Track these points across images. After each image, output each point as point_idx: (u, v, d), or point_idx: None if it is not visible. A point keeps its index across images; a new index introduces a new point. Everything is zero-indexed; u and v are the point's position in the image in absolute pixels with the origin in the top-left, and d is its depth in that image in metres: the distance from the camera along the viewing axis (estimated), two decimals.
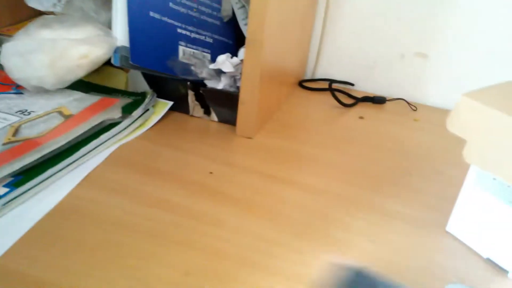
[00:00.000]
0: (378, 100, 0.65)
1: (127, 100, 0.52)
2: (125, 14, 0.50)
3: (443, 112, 0.66)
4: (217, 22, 0.61)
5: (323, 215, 0.41)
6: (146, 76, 0.56)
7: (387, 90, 0.71)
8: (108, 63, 0.52)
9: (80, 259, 0.34)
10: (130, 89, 0.58)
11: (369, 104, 0.66)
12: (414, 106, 0.66)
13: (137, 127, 0.51)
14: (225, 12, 0.60)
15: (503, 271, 0.37)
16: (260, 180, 0.45)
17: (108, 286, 0.32)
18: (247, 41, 0.48)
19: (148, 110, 0.53)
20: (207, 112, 0.56)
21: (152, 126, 0.53)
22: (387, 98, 0.67)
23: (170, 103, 0.56)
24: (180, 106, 0.57)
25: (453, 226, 0.40)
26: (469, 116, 0.32)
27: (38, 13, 0.72)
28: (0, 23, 0.69)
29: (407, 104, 0.66)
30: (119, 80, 0.59)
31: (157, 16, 0.52)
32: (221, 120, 0.56)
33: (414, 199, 0.45)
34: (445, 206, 0.44)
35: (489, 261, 0.38)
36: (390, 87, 0.71)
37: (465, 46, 0.65)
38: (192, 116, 0.57)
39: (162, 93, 0.57)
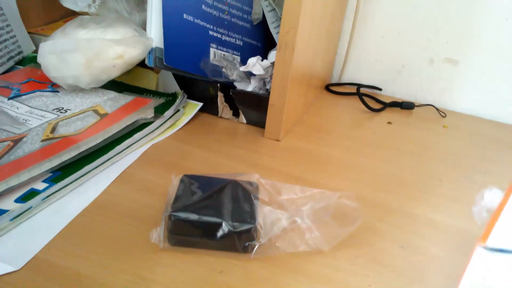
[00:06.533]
0: (406, 106, 0.65)
1: (159, 101, 0.53)
2: (160, 16, 0.51)
3: (473, 119, 0.66)
4: (247, 25, 0.61)
5: None
6: (177, 77, 0.57)
7: (415, 96, 0.71)
8: (138, 63, 0.53)
9: (115, 255, 0.34)
10: (160, 90, 0.59)
11: (397, 109, 0.65)
12: (443, 113, 0.65)
13: (168, 127, 0.52)
14: (256, 15, 0.61)
15: None
16: (288, 182, 0.46)
17: (140, 281, 0.32)
18: (279, 44, 0.49)
19: (178, 110, 0.54)
20: (235, 114, 0.57)
21: (182, 126, 0.53)
22: (416, 104, 0.66)
23: (200, 104, 0.56)
24: (209, 108, 0.57)
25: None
26: None
27: (71, 13, 0.74)
28: (34, 23, 0.71)
29: (436, 110, 0.66)
30: (149, 81, 0.60)
31: (190, 18, 0.53)
32: (250, 122, 0.57)
33: (445, 206, 0.45)
34: None
35: None
36: (418, 92, 0.70)
37: (497, 53, 0.64)
38: (220, 117, 0.58)
39: (191, 94, 0.57)
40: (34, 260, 0.33)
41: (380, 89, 0.72)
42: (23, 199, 0.37)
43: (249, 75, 0.55)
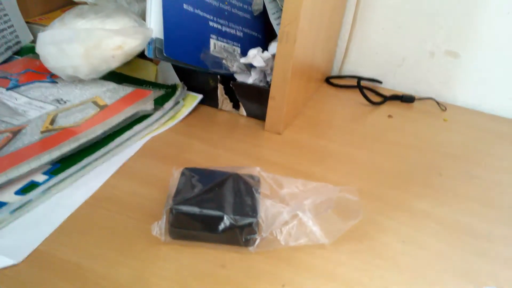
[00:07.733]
0: (406, 99, 0.65)
1: (158, 92, 0.52)
2: (159, 6, 0.50)
3: (473, 113, 0.66)
4: (247, 16, 0.61)
5: None
6: (176, 69, 0.56)
7: (415, 89, 0.70)
8: (138, 54, 0.53)
9: (116, 248, 0.34)
10: (160, 81, 0.58)
11: (398, 102, 0.65)
12: (444, 106, 0.65)
13: (168, 120, 0.52)
14: (256, 6, 0.60)
15: None
16: (289, 175, 0.45)
17: (142, 274, 0.32)
18: (280, 35, 0.48)
19: (178, 102, 0.53)
20: (235, 106, 0.57)
21: (182, 118, 0.53)
22: (416, 97, 0.66)
23: (200, 96, 0.56)
24: (208, 100, 0.57)
25: None
26: None
27: (69, 3, 0.74)
28: (32, 12, 0.70)
29: (436, 104, 0.66)
30: (148, 72, 0.59)
31: (190, 8, 0.52)
32: (250, 114, 0.56)
33: (445, 201, 0.45)
34: (476, 208, 0.44)
35: None
36: (419, 85, 0.70)
37: (498, 47, 0.64)
38: (220, 109, 0.57)
39: (191, 86, 0.57)
40: (34, 253, 0.33)
41: (381, 82, 0.71)
42: (23, 191, 0.37)
43: (250, 67, 0.54)
